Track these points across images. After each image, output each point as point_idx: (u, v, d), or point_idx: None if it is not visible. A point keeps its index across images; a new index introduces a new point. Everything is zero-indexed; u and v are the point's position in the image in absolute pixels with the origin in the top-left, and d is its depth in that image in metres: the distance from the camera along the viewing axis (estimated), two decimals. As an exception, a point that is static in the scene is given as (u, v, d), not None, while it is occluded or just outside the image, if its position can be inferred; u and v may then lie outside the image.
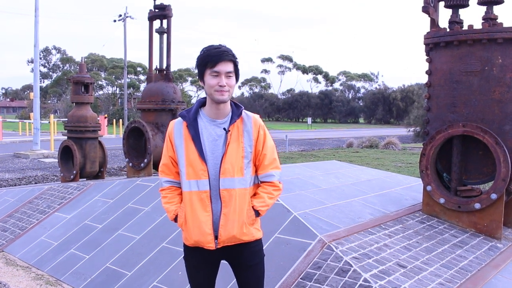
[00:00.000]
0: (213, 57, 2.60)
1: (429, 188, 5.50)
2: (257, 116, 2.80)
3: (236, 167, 2.66)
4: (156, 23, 9.09)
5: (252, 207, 2.74)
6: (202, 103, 2.78)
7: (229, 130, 2.67)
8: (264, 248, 2.93)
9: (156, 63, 8.96)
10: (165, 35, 8.98)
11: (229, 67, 2.63)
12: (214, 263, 2.84)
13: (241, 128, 2.71)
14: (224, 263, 2.92)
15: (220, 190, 2.66)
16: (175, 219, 2.82)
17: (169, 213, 2.83)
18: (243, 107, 2.77)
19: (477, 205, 5.17)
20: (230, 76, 2.64)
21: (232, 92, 2.67)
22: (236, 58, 2.67)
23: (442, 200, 5.40)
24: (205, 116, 2.73)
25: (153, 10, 8.92)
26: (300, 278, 3.80)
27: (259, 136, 2.75)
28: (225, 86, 2.61)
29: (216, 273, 2.90)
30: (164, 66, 8.92)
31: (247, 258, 2.78)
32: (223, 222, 2.67)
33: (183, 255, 2.91)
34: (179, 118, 2.78)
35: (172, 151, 2.78)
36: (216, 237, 2.69)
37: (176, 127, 2.76)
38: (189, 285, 2.98)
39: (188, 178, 2.69)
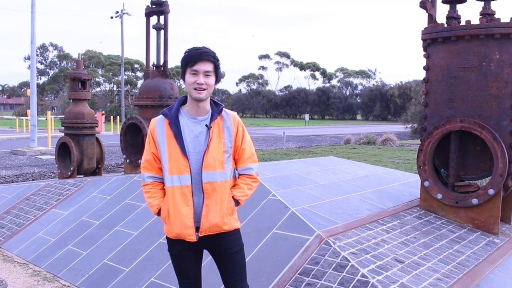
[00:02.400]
0: (193, 57, 2.74)
1: (426, 183, 5.50)
2: (235, 114, 2.95)
3: (217, 161, 2.79)
4: (153, 19, 9.06)
5: (233, 197, 2.88)
6: (182, 101, 2.89)
7: (211, 127, 2.79)
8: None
9: (153, 60, 8.92)
10: (162, 31, 8.94)
11: (208, 66, 2.75)
12: (196, 252, 2.95)
13: (221, 125, 2.85)
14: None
15: (202, 183, 2.78)
16: (158, 213, 2.94)
17: (152, 207, 2.95)
18: (223, 105, 2.91)
19: (475, 201, 5.18)
20: (208, 76, 2.77)
21: (210, 91, 2.80)
22: (217, 60, 2.81)
23: (439, 196, 5.41)
24: (186, 114, 2.85)
25: (150, 6, 8.88)
26: (298, 274, 3.80)
27: (238, 132, 2.89)
28: (202, 84, 2.73)
29: (200, 261, 3.01)
30: (161, 62, 8.88)
31: (227, 246, 2.89)
32: (205, 212, 2.79)
33: (167, 247, 3.01)
34: (161, 116, 2.88)
35: (155, 148, 2.88)
36: (197, 229, 2.80)
37: (158, 124, 2.87)
38: None
39: (171, 173, 2.81)
